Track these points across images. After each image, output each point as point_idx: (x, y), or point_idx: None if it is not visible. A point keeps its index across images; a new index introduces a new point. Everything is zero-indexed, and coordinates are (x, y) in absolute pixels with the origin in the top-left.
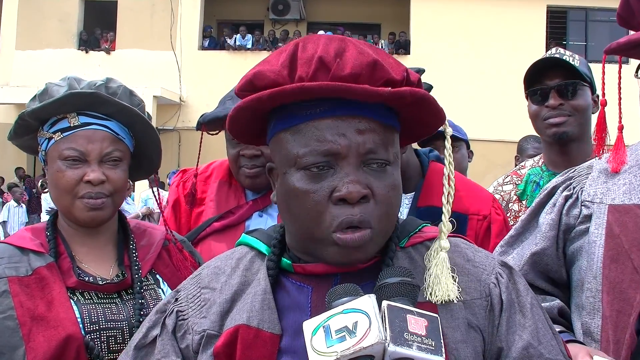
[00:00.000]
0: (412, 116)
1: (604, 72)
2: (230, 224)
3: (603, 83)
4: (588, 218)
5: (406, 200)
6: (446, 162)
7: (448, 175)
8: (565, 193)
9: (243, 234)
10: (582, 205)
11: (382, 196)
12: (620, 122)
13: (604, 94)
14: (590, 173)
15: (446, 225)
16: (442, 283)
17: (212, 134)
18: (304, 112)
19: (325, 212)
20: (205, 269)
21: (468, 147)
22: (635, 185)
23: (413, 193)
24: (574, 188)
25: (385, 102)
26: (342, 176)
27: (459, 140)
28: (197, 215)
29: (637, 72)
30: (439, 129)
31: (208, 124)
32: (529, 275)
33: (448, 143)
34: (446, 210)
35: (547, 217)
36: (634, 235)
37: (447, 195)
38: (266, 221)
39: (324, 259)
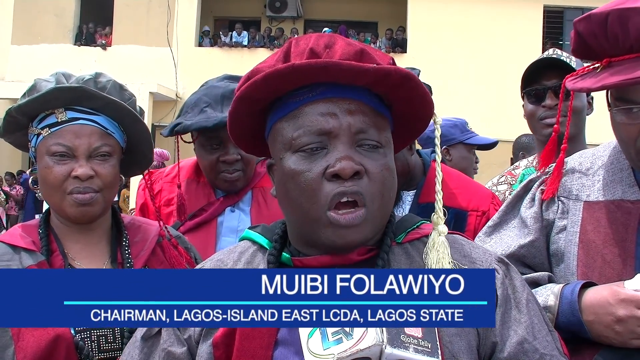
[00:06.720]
0: (403, 108)
1: (560, 109)
2: (203, 221)
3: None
4: (565, 213)
5: (408, 197)
6: (437, 150)
7: (440, 163)
8: (542, 187)
9: (246, 229)
10: (558, 201)
11: (375, 174)
12: (565, 142)
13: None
14: (565, 169)
15: (440, 212)
16: (444, 267)
17: (187, 142)
18: (298, 99)
19: (320, 190)
20: (209, 262)
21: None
22: (609, 181)
23: (415, 190)
24: None
25: (373, 84)
26: (335, 154)
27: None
28: (167, 216)
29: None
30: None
31: (193, 133)
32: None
33: (438, 132)
34: (439, 198)
35: (529, 211)
36: (607, 231)
37: (440, 184)
38: (239, 216)
39: (321, 241)
